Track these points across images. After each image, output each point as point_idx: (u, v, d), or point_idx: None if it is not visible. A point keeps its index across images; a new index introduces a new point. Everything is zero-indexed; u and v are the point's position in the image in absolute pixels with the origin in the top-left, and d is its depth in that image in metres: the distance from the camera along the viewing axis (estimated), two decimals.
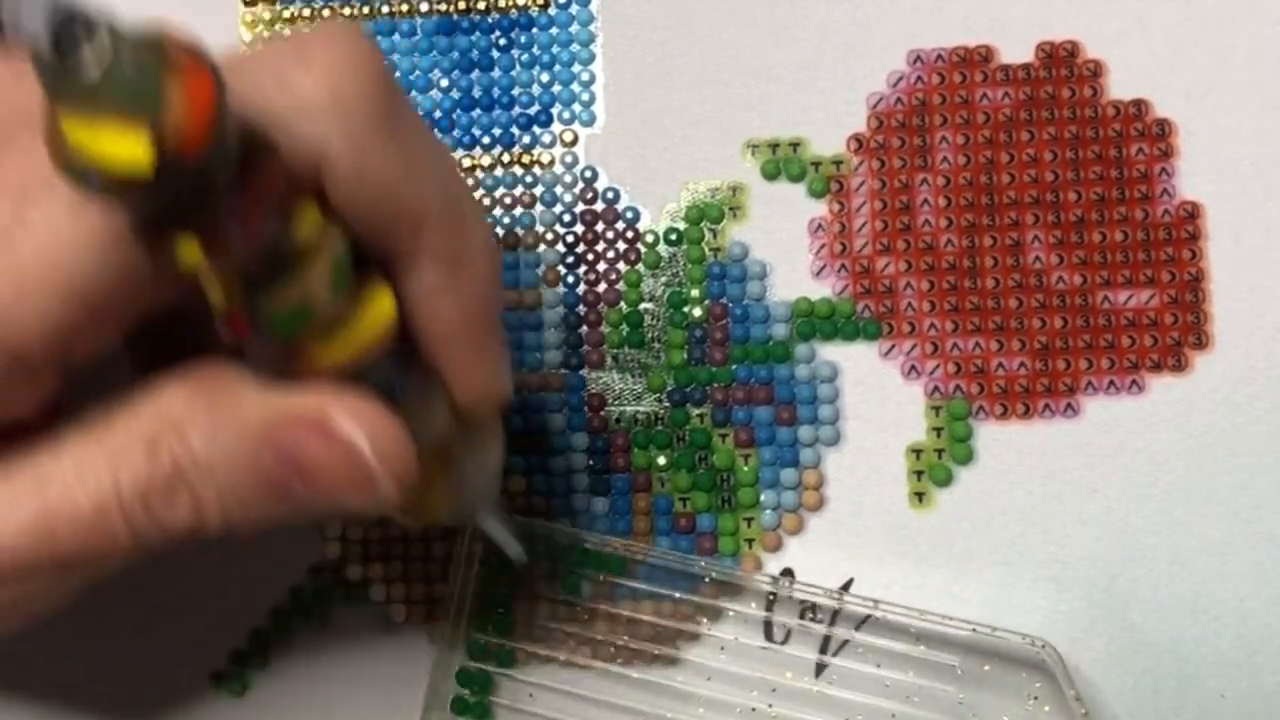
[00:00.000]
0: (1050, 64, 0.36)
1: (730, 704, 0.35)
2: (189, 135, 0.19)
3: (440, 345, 0.26)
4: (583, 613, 0.35)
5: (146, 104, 0.19)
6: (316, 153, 0.23)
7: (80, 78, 0.19)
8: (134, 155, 0.19)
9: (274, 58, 0.24)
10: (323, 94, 0.23)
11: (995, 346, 0.36)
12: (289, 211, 0.22)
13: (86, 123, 0.19)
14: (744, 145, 0.37)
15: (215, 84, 0.20)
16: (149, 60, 0.19)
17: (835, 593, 0.34)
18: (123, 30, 0.19)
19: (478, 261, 0.26)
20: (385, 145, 0.24)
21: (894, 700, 0.34)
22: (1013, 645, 0.34)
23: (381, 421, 0.25)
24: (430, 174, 0.25)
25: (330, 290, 0.23)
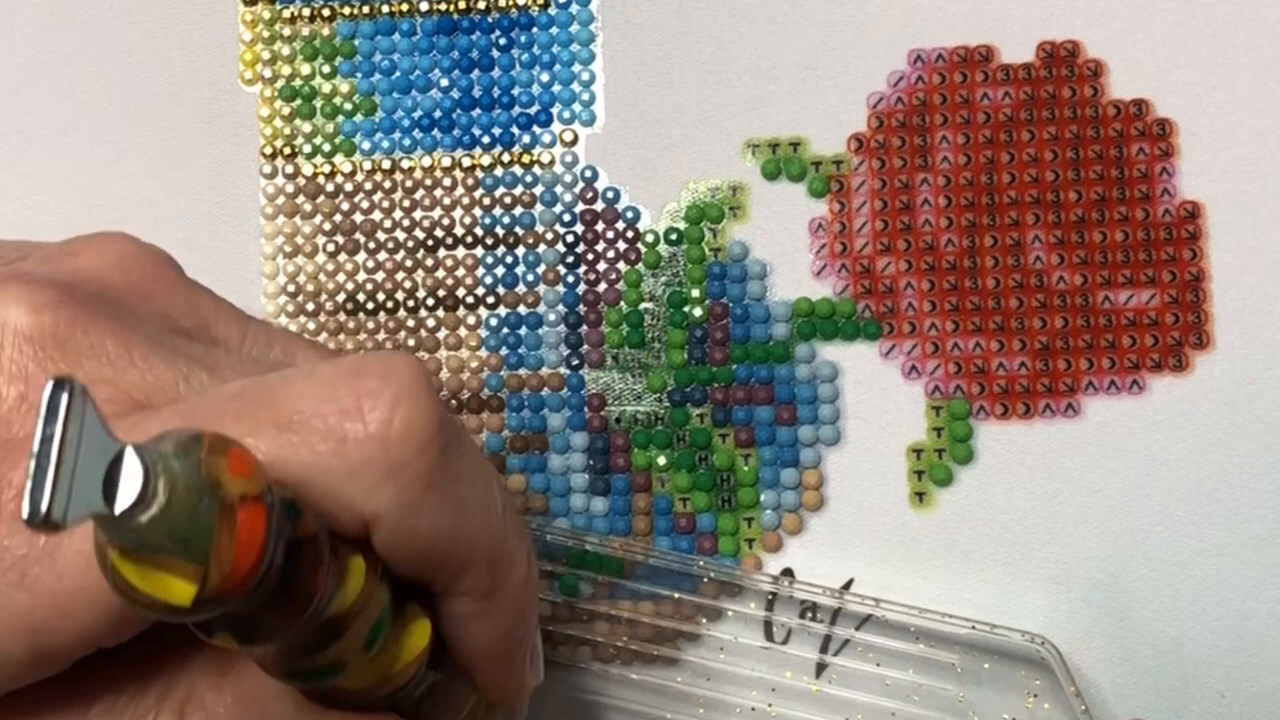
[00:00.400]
0: (1051, 64, 0.36)
1: (730, 704, 0.35)
2: (234, 576, 0.19)
3: (472, 661, 0.26)
4: (582, 613, 0.35)
5: (196, 553, 0.19)
6: (366, 515, 0.23)
7: (131, 529, 0.18)
8: (178, 596, 0.19)
9: (332, 402, 0.23)
10: (377, 456, 0.22)
11: (996, 346, 0.36)
12: (334, 588, 0.22)
13: (136, 564, 0.19)
14: (744, 145, 0.37)
15: (269, 519, 0.19)
16: (205, 505, 0.19)
17: (836, 592, 0.34)
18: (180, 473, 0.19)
19: (515, 589, 0.26)
20: (437, 503, 0.23)
21: (894, 699, 0.34)
22: (1012, 642, 0.34)
23: None
24: (478, 521, 0.25)
25: (365, 648, 0.23)
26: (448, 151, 0.37)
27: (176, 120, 0.38)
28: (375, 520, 0.23)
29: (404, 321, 0.37)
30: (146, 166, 0.37)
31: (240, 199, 0.37)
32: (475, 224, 0.37)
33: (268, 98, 0.38)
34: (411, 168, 0.37)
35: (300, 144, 0.37)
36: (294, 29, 0.38)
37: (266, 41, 0.38)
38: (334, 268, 0.37)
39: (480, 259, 0.37)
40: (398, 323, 0.37)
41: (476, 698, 0.27)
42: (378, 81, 0.37)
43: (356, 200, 0.37)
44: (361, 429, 0.22)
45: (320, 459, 0.22)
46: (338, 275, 0.37)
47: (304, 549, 0.21)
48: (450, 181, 0.37)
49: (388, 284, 0.37)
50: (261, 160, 0.37)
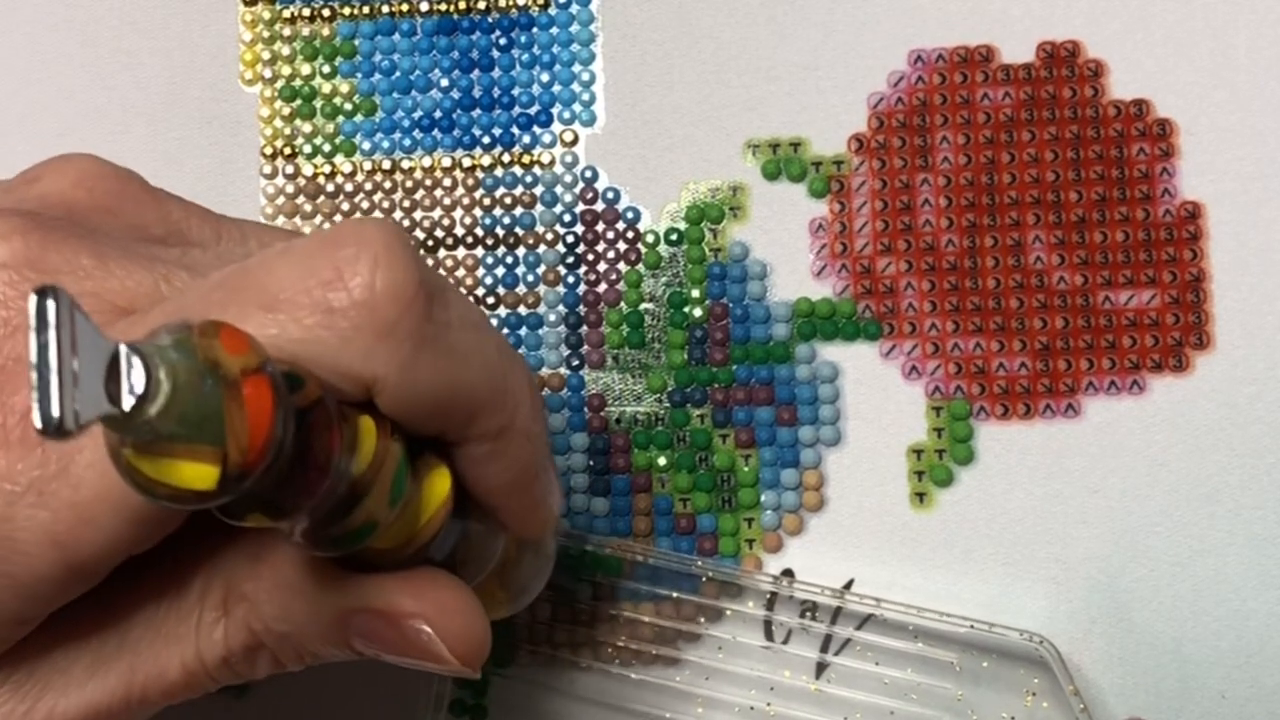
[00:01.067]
0: (1051, 64, 0.36)
1: (729, 703, 0.35)
2: (252, 450, 0.19)
3: (494, 500, 0.27)
4: (582, 613, 0.35)
5: (210, 435, 0.19)
6: (365, 379, 0.23)
7: (142, 423, 0.19)
8: (201, 480, 0.19)
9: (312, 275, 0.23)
10: (367, 320, 0.23)
11: (996, 347, 0.36)
12: (347, 455, 0.22)
13: (153, 458, 0.19)
14: (744, 145, 0.37)
15: (274, 390, 0.20)
16: (208, 387, 0.19)
17: (836, 592, 0.34)
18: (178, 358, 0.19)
19: (523, 422, 0.26)
20: (432, 356, 0.24)
21: (893, 698, 0.34)
22: (1011, 641, 0.34)
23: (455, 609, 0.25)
24: (476, 366, 0.25)
25: (390, 504, 0.23)
26: (448, 152, 0.37)
27: (176, 120, 0.38)
28: (375, 383, 0.23)
29: None
30: (146, 167, 0.37)
31: (240, 199, 0.37)
32: (475, 224, 0.37)
33: (268, 98, 0.38)
34: (411, 168, 0.37)
35: (300, 144, 0.37)
36: (294, 29, 0.38)
37: (266, 41, 0.38)
38: None
39: (480, 259, 0.37)
40: None
41: (506, 539, 0.28)
42: (378, 81, 0.37)
43: (356, 200, 0.37)
44: (345, 296, 0.23)
45: (310, 333, 0.23)
46: None
47: (312, 414, 0.21)
48: (450, 182, 0.37)
49: None
50: (262, 160, 0.37)
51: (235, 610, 0.25)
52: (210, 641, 0.25)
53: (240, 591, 0.25)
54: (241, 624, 0.25)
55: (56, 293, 0.18)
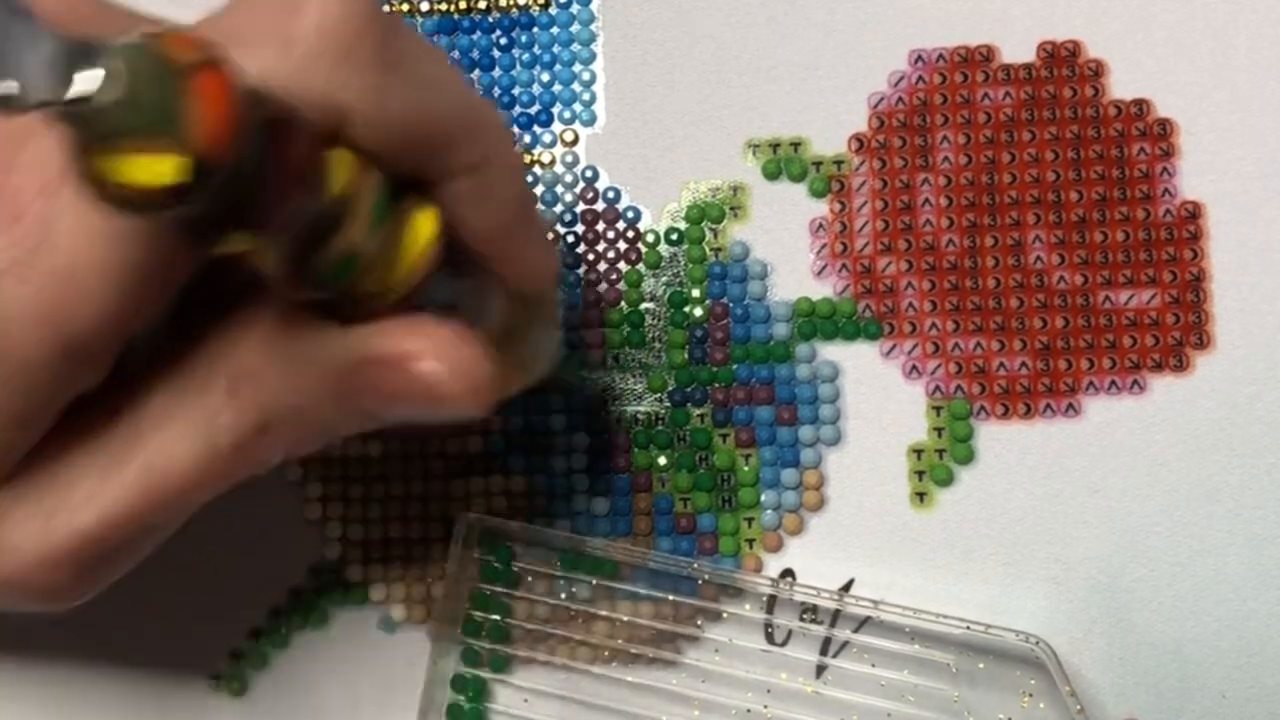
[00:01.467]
0: (1052, 63, 0.36)
1: (727, 706, 0.35)
2: (215, 140, 0.20)
3: (484, 243, 0.27)
4: (580, 616, 0.35)
5: (169, 123, 0.19)
6: (333, 105, 0.23)
7: (98, 115, 0.19)
8: (166, 174, 0.19)
9: (265, 13, 0.24)
10: (325, 45, 0.23)
11: (996, 346, 0.36)
12: (321, 172, 0.23)
13: (113, 155, 0.19)
14: (745, 145, 0.37)
15: (229, 80, 0.20)
16: (161, 77, 0.19)
17: (835, 594, 0.34)
18: (128, 52, 0.19)
19: (502, 156, 0.26)
20: (398, 80, 0.24)
21: (890, 699, 0.34)
22: (1007, 643, 0.34)
23: (456, 343, 0.25)
24: (444, 92, 0.25)
25: (372, 232, 0.24)
26: None
27: None
28: (345, 111, 0.23)
29: None
30: None
31: None
32: None
33: None
34: None
35: None
36: None
37: None
38: None
39: None
40: None
41: (507, 299, 0.28)
42: None
43: None
44: (302, 24, 0.23)
45: (272, 62, 0.23)
46: None
47: (279, 127, 0.21)
48: None
49: None
50: None
51: (242, 390, 0.25)
52: (219, 426, 0.25)
53: (245, 369, 0.25)
54: (250, 403, 0.25)
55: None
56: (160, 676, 0.35)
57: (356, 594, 0.36)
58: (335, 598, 0.36)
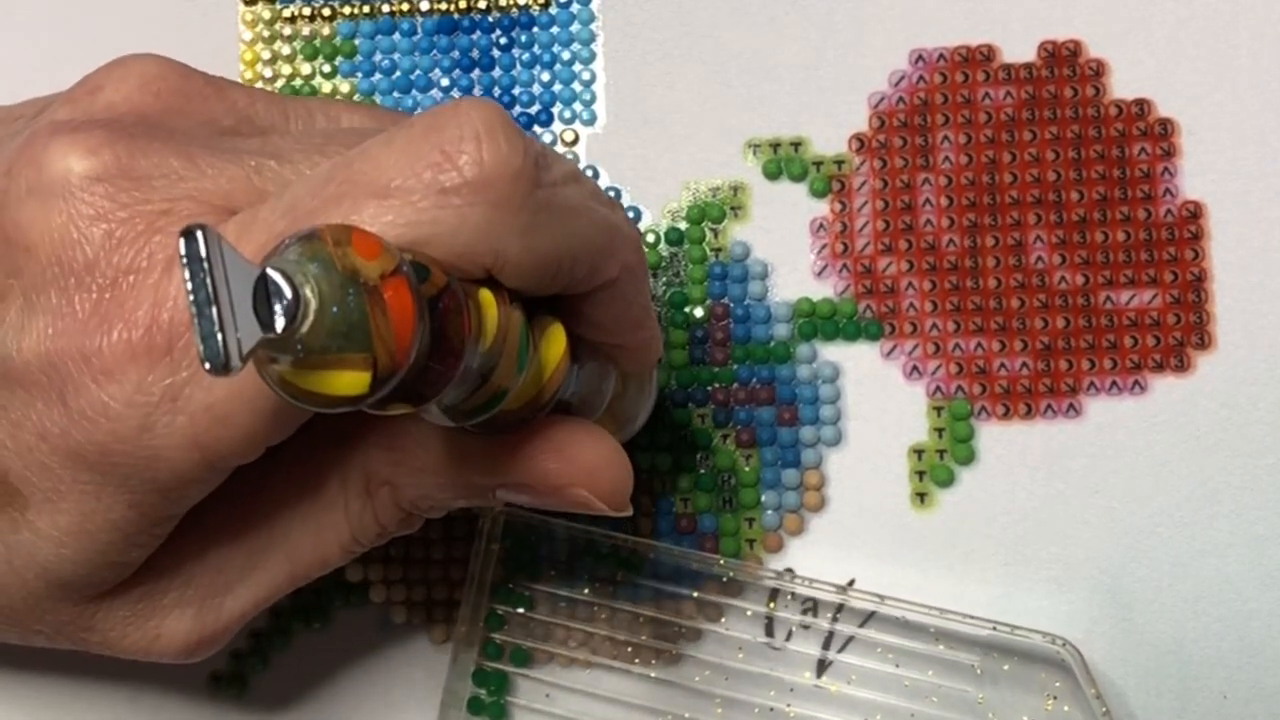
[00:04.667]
0: (1053, 63, 0.36)
1: (749, 703, 0.35)
2: (399, 350, 0.20)
3: (611, 339, 0.27)
4: (600, 611, 0.35)
5: (360, 342, 0.20)
6: (487, 255, 0.23)
7: (294, 341, 0.19)
8: (355, 386, 0.20)
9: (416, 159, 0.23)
10: (479, 197, 0.23)
11: (997, 347, 0.36)
12: (477, 332, 0.23)
13: (306, 373, 0.20)
14: (745, 145, 0.37)
15: (413, 289, 0.20)
16: (353, 297, 0.19)
17: (873, 595, 0.34)
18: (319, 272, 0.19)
19: (630, 263, 0.27)
20: (548, 221, 0.24)
21: (914, 700, 0.34)
22: (1032, 644, 0.34)
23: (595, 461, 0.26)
24: (586, 217, 0.25)
25: (518, 371, 0.24)
26: None
27: None
28: (498, 257, 0.23)
29: None
30: None
31: None
32: None
33: None
34: None
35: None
36: (294, 29, 0.38)
37: (266, 41, 0.38)
38: None
39: None
40: None
41: (617, 376, 0.29)
42: (378, 81, 0.37)
43: None
44: (457, 176, 0.23)
45: (427, 215, 0.23)
46: None
47: (443, 301, 0.22)
48: None
49: None
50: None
51: (379, 493, 0.26)
52: (362, 523, 0.27)
53: (380, 477, 0.26)
54: (388, 503, 0.27)
55: (204, 230, 0.18)
56: (160, 676, 0.35)
57: (357, 594, 0.36)
58: (335, 598, 0.36)
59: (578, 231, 0.25)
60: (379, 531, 0.27)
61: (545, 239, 0.24)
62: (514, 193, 0.23)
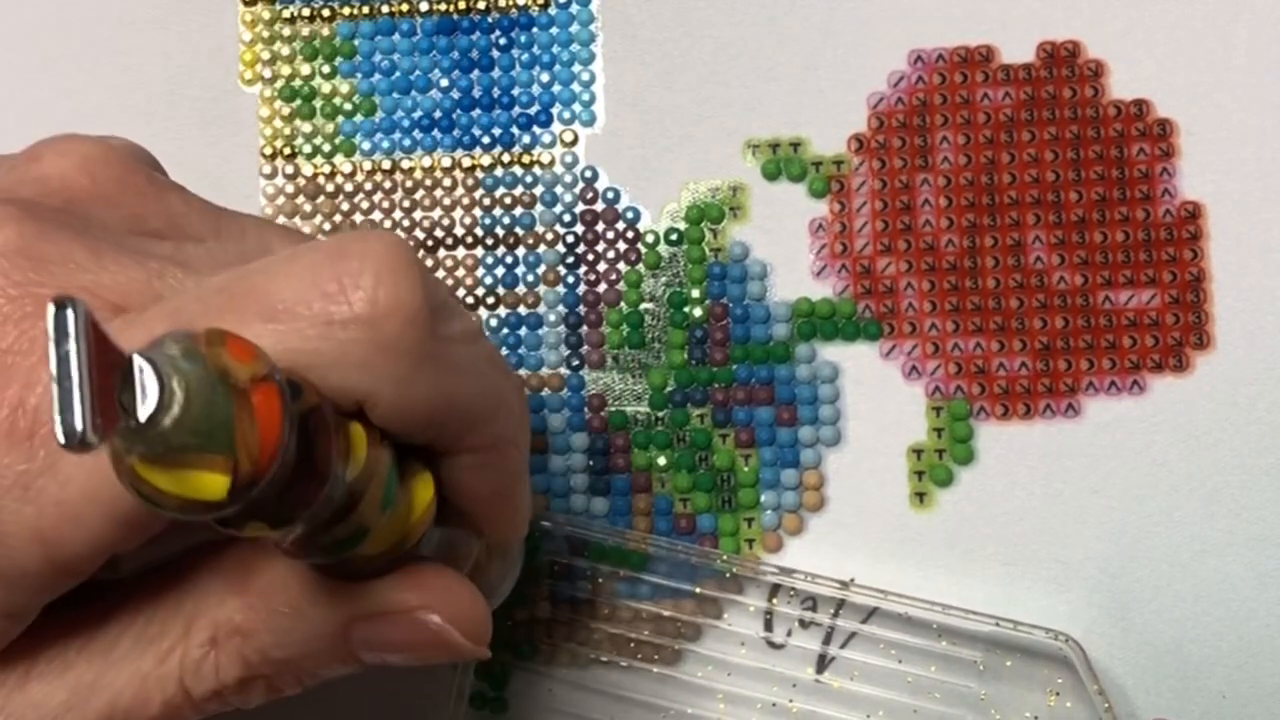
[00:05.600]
0: (1051, 64, 0.36)
1: (751, 698, 0.35)
2: (263, 457, 0.19)
3: (476, 507, 0.27)
4: (603, 608, 0.35)
5: (222, 444, 0.19)
6: (360, 394, 0.23)
7: (156, 434, 0.19)
8: (211, 490, 0.19)
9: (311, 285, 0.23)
10: (365, 336, 0.22)
11: (996, 347, 0.36)
12: (344, 460, 0.22)
13: (161, 470, 0.19)
14: (744, 145, 0.37)
15: (282, 398, 0.20)
16: (220, 399, 0.19)
17: (875, 591, 0.34)
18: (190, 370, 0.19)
19: (513, 433, 0.26)
20: (430, 372, 0.23)
21: (916, 696, 0.34)
22: (1035, 640, 0.34)
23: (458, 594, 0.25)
24: (473, 381, 0.25)
25: (382, 510, 0.23)
26: (448, 152, 0.37)
27: (176, 120, 0.37)
28: (370, 398, 0.23)
29: None
30: None
31: (240, 199, 0.37)
32: (475, 224, 0.37)
33: (268, 98, 0.38)
34: (411, 168, 0.37)
35: (300, 144, 0.37)
36: (294, 29, 0.38)
37: (266, 41, 0.38)
38: None
39: (480, 259, 0.37)
40: None
41: (480, 544, 0.28)
42: (378, 81, 0.37)
43: (356, 201, 0.37)
44: (347, 310, 0.22)
45: (309, 344, 0.22)
46: None
47: (311, 420, 0.21)
48: (450, 182, 0.37)
49: None
50: (261, 160, 0.37)
51: (227, 644, 0.25)
52: (199, 677, 0.25)
53: (231, 624, 0.25)
54: (235, 656, 0.25)
55: (74, 303, 0.18)
56: None
57: None
58: None
59: (459, 392, 0.24)
60: (216, 689, 0.25)
61: (423, 390, 0.23)
62: (402, 337, 0.23)
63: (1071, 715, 0.34)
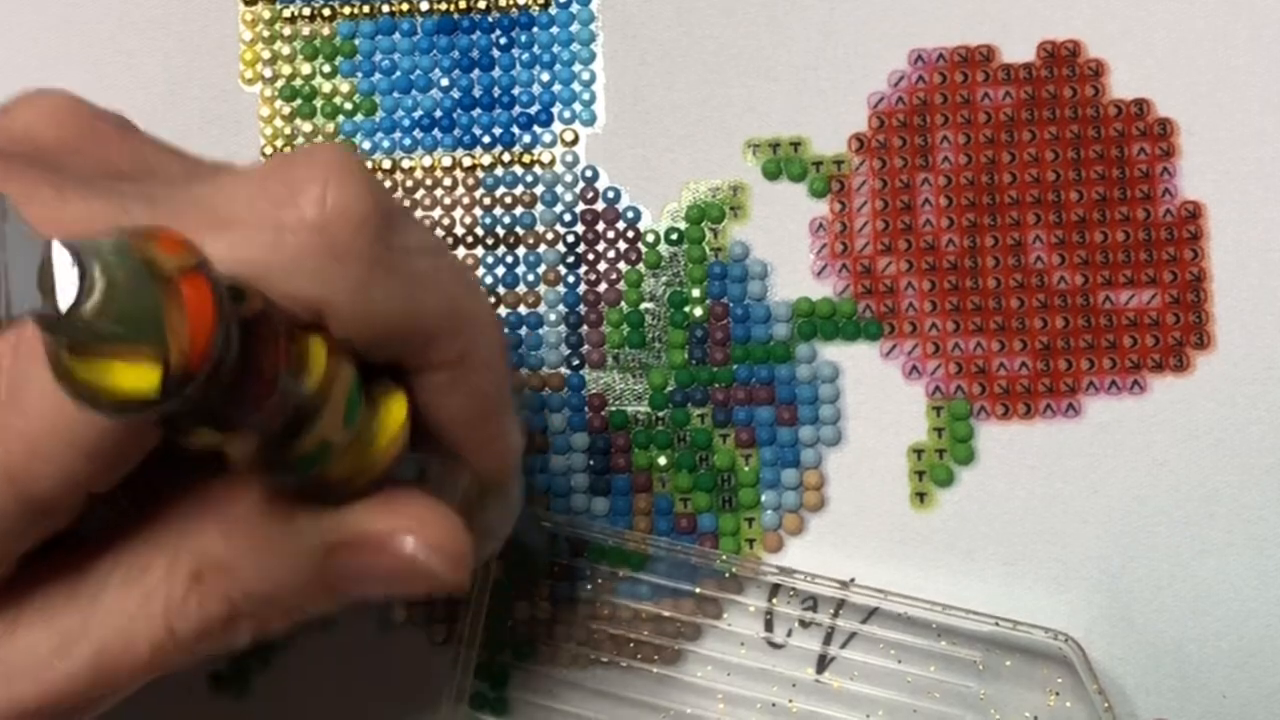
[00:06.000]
0: (1052, 63, 0.36)
1: (751, 698, 0.35)
2: (194, 351, 0.19)
3: (453, 432, 0.26)
4: (603, 608, 0.35)
5: (150, 334, 0.19)
6: (317, 301, 0.23)
7: (79, 323, 0.18)
8: (143, 383, 0.19)
9: (260, 195, 0.23)
10: (320, 241, 0.22)
11: (996, 346, 0.36)
12: (297, 370, 0.22)
13: (88, 360, 0.19)
14: (745, 145, 0.37)
15: (213, 289, 0.19)
16: (145, 286, 0.19)
17: (875, 590, 0.34)
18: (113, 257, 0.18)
19: (483, 351, 0.26)
20: (386, 280, 0.23)
21: (916, 696, 0.34)
22: (1035, 640, 0.34)
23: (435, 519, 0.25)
24: (433, 289, 0.24)
25: (345, 424, 0.23)
26: (448, 151, 0.37)
27: (176, 120, 0.37)
28: (326, 305, 0.23)
29: None
30: None
31: None
32: (475, 224, 0.37)
33: (268, 98, 0.38)
34: (412, 168, 0.37)
35: (301, 144, 0.37)
36: (294, 29, 0.38)
37: (266, 41, 0.38)
38: None
39: (481, 259, 0.37)
40: None
41: (469, 478, 0.27)
42: (378, 81, 0.37)
43: None
44: (296, 215, 0.22)
45: (260, 252, 0.22)
46: None
47: (256, 327, 0.21)
48: (450, 181, 0.37)
49: None
50: (261, 160, 0.37)
51: (211, 580, 0.25)
52: (183, 615, 0.25)
53: (213, 559, 0.24)
54: (218, 594, 0.25)
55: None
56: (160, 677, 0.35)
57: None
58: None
59: (419, 302, 0.24)
60: (200, 628, 0.25)
61: (380, 299, 0.23)
62: (353, 243, 0.22)
63: (1071, 715, 0.34)
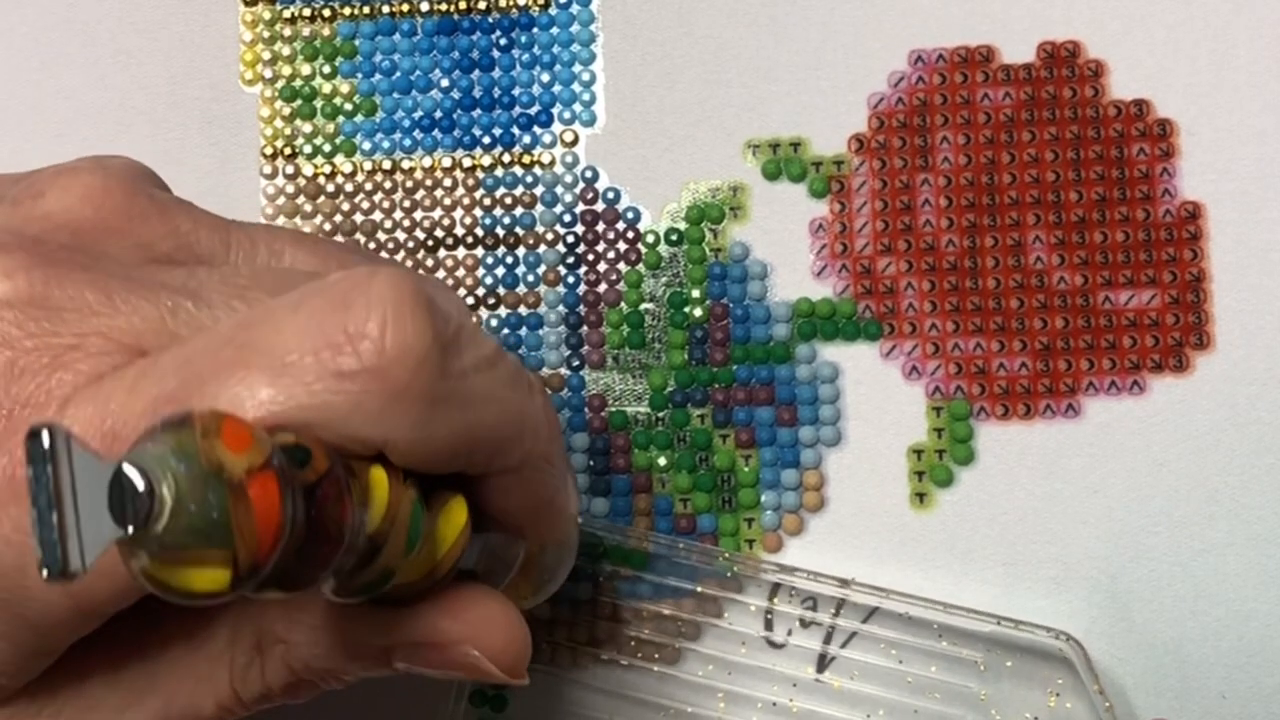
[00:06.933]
0: (1052, 64, 0.36)
1: (751, 697, 0.35)
2: (261, 548, 0.19)
3: (515, 521, 0.26)
4: (604, 607, 0.35)
5: (219, 540, 0.19)
6: (377, 443, 0.23)
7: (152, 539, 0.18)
8: (213, 584, 0.19)
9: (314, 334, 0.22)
10: (375, 385, 0.22)
11: (996, 347, 0.36)
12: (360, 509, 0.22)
13: (165, 565, 0.19)
14: (745, 145, 0.37)
15: (280, 485, 0.19)
16: (214, 496, 0.19)
17: (876, 590, 0.34)
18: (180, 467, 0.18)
19: (543, 446, 0.26)
20: (446, 410, 0.23)
21: (917, 696, 0.34)
22: (1036, 640, 0.34)
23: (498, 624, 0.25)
24: (493, 408, 0.24)
25: (407, 551, 0.23)
26: (448, 152, 0.37)
27: (176, 120, 0.37)
28: (387, 445, 0.23)
29: None
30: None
31: (240, 199, 0.37)
32: (475, 224, 0.37)
33: (268, 98, 0.38)
34: (412, 168, 0.37)
35: (300, 144, 0.37)
36: (294, 29, 0.38)
37: (266, 41, 0.38)
38: None
39: (480, 259, 0.37)
40: None
41: (526, 546, 0.28)
42: (378, 82, 0.37)
43: (357, 201, 0.37)
44: (354, 362, 0.22)
45: (319, 398, 0.22)
46: None
47: (322, 488, 0.21)
48: (450, 182, 0.37)
49: None
50: (262, 161, 0.37)
51: (271, 651, 0.25)
52: (246, 680, 0.25)
53: (273, 634, 0.25)
54: (280, 663, 0.25)
55: (51, 429, 0.17)
56: None
57: None
58: None
59: (480, 422, 0.24)
60: (263, 692, 0.26)
61: (442, 429, 0.23)
62: (413, 383, 0.22)
63: (1071, 715, 0.34)
